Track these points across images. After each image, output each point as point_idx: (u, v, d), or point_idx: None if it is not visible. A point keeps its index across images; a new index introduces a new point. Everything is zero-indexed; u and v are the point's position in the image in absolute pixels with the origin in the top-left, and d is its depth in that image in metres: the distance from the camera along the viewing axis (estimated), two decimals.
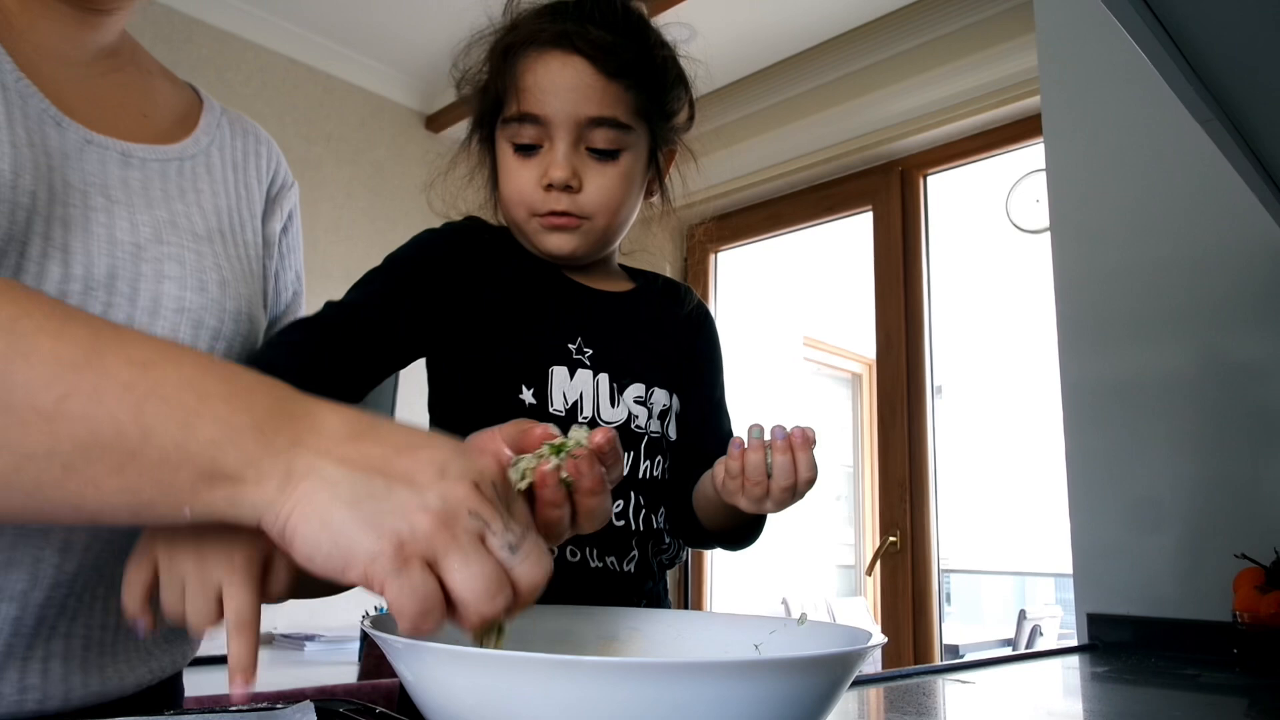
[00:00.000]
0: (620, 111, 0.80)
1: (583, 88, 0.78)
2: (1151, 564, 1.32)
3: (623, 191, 0.82)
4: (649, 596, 0.85)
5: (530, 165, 0.80)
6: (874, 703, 0.76)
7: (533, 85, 0.79)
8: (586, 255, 0.85)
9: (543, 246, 0.83)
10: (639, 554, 0.82)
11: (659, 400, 0.86)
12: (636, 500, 0.83)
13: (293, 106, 2.91)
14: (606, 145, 0.80)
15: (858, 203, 2.82)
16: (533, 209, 0.81)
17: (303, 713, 0.48)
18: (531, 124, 0.79)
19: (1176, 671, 1.04)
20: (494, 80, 0.83)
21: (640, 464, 0.83)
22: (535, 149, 0.80)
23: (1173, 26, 0.65)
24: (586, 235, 0.82)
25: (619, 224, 0.85)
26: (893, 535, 2.54)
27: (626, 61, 0.80)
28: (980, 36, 2.42)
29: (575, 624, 0.59)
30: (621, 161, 0.81)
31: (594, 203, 0.80)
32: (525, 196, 0.81)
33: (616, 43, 0.79)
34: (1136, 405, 1.38)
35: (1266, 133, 0.82)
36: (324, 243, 2.90)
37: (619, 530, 0.81)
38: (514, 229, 0.86)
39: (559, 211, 0.80)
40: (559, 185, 0.79)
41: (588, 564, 0.80)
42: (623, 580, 0.82)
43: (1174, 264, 1.38)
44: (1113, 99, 1.48)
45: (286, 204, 0.86)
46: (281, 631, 2.63)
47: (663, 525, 0.86)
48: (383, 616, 0.48)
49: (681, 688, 0.36)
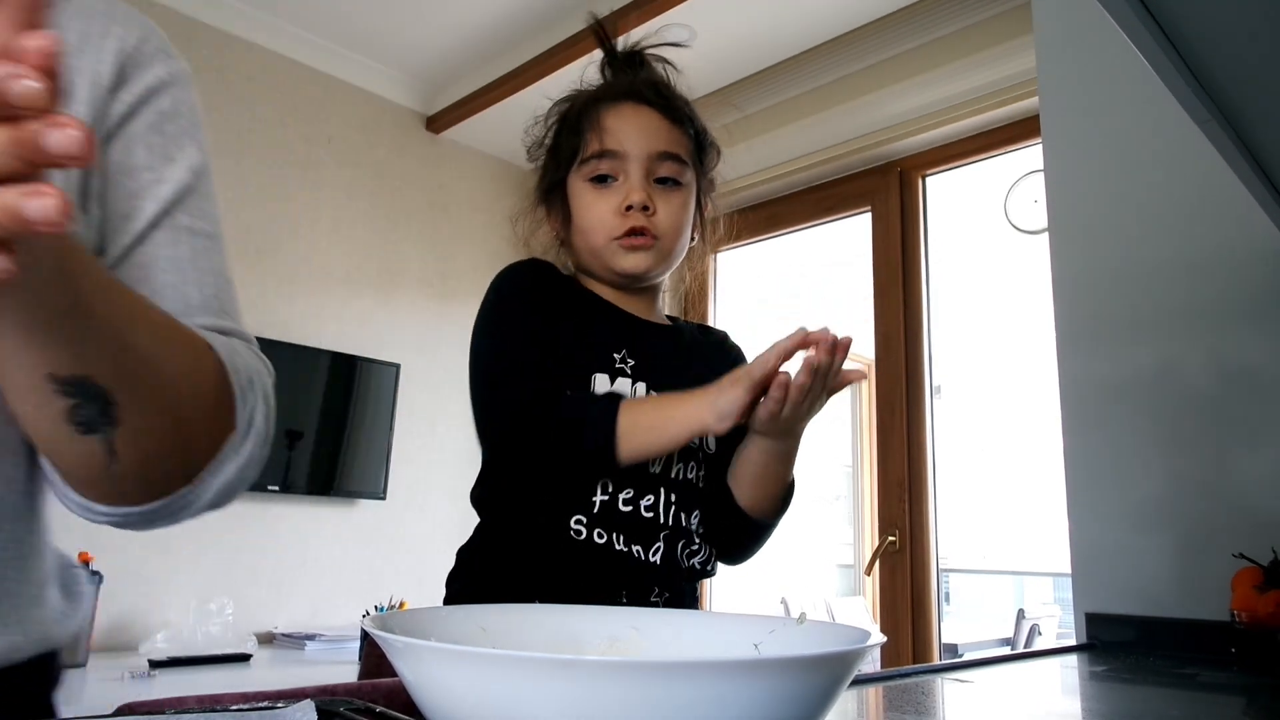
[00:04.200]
0: (681, 150, 0.96)
1: (652, 128, 0.95)
2: (1149, 563, 1.32)
3: (684, 217, 0.96)
4: (673, 590, 0.91)
5: (607, 195, 0.94)
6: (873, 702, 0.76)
7: (611, 126, 0.94)
8: (655, 274, 0.97)
9: (620, 265, 0.94)
10: (664, 547, 0.89)
11: None
12: (667, 497, 0.91)
13: (293, 107, 2.91)
14: (672, 174, 0.95)
15: (857, 203, 2.82)
16: (612, 233, 0.93)
17: (303, 712, 0.48)
18: (609, 159, 0.94)
19: (1175, 671, 1.04)
20: (570, 133, 0.97)
21: (674, 465, 0.92)
22: (610, 181, 0.94)
23: (1170, 28, 0.65)
24: (658, 254, 0.94)
25: (680, 248, 0.98)
26: (892, 535, 2.54)
27: (684, 114, 0.98)
28: (979, 37, 2.42)
29: (576, 623, 0.60)
30: (683, 192, 0.96)
31: (665, 224, 0.94)
32: (605, 222, 0.93)
33: (675, 98, 0.98)
34: (1134, 405, 1.38)
35: (1264, 133, 0.82)
36: (324, 243, 2.90)
37: (648, 521, 0.89)
38: (588, 256, 0.97)
39: (637, 230, 0.92)
40: (638, 206, 0.92)
41: (613, 546, 0.87)
42: (647, 569, 0.88)
43: (1172, 264, 1.38)
44: (1111, 100, 1.49)
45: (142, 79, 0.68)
46: (282, 631, 2.63)
47: (694, 527, 0.93)
48: (383, 616, 0.49)
49: (681, 687, 0.36)
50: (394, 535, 2.97)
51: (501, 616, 0.59)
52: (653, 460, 0.90)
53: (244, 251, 2.72)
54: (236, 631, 2.38)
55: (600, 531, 0.87)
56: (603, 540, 0.87)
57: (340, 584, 2.84)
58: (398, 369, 2.95)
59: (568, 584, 0.85)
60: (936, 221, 2.72)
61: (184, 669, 2.14)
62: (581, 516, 0.87)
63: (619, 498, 0.88)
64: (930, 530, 2.51)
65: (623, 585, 0.87)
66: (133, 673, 2.01)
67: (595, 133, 0.94)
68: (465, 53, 2.97)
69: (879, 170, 2.75)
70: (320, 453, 2.77)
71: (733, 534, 0.96)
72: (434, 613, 0.54)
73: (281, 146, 2.87)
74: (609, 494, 0.88)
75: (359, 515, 2.92)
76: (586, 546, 0.86)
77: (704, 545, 0.95)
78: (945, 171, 2.70)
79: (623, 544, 0.87)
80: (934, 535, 2.51)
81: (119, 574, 2.35)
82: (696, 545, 0.94)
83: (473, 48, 2.94)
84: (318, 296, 2.88)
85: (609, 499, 0.88)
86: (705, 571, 0.96)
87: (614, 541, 0.87)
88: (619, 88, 0.98)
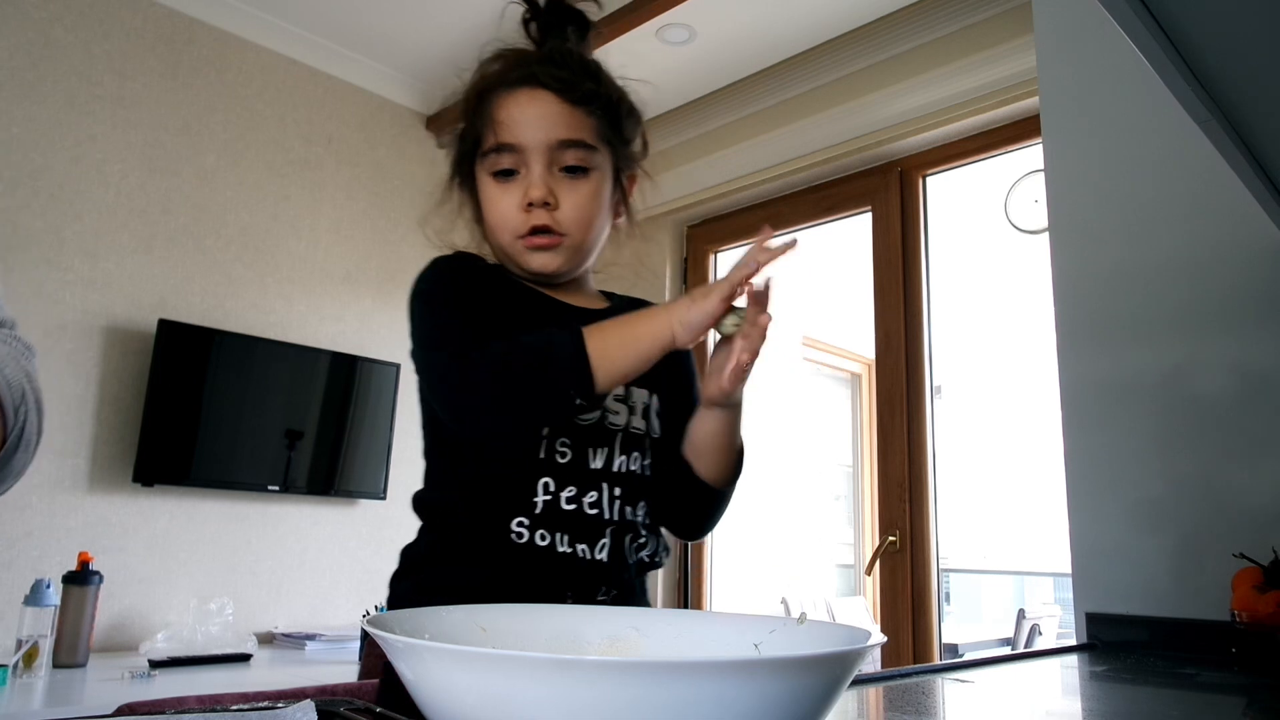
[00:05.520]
0: (586, 134, 0.90)
1: (550, 115, 0.89)
2: (1150, 563, 1.32)
3: (594, 208, 0.92)
4: (622, 587, 0.89)
5: (510, 190, 0.90)
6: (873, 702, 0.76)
7: (506, 119, 0.89)
8: (567, 271, 0.93)
9: (528, 266, 0.91)
10: (611, 543, 0.87)
11: (638, 399, 0.93)
12: (611, 492, 0.89)
13: (293, 107, 2.91)
14: (577, 163, 0.90)
15: (857, 203, 2.82)
16: (516, 231, 0.89)
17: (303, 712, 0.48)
18: (508, 152, 0.89)
19: (1175, 671, 1.04)
20: (470, 124, 0.93)
21: (616, 458, 0.90)
22: (513, 174, 0.90)
23: (1170, 27, 0.65)
24: (566, 252, 0.91)
25: (593, 240, 0.93)
26: (892, 535, 2.54)
27: (586, 92, 0.91)
28: (979, 37, 2.42)
29: (576, 624, 0.60)
30: (591, 179, 0.91)
31: (570, 219, 0.90)
32: (508, 220, 0.90)
33: (575, 78, 0.91)
34: (1135, 405, 1.38)
35: (1264, 133, 0.82)
36: (325, 242, 2.90)
37: (591, 518, 0.87)
38: (500, 254, 0.94)
39: (540, 228, 0.89)
40: (538, 203, 0.88)
41: (555, 549, 0.84)
42: (592, 568, 0.86)
43: (1172, 264, 1.38)
44: (1111, 100, 1.49)
45: None
46: (282, 631, 2.63)
47: (640, 520, 0.91)
48: (382, 616, 0.49)
49: (681, 688, 0.36)
50: (394, 535, 2.97)
51: (501, 616, 0.59)
52: (593, 455, 0.88)
53: (243, 251, 2.72)
54: (236, 631, 2.38)
55: (543, 533, 0.85)
56: (545, 542, 0.84)
57: (340, 584, 2.84)
58: (398, 369, 2.95)
59: (509, 588, 0.82)
60: (936, 221, 2.72)
61: (184, 669, 2.14)
62: (523, 518, 0.84)
63: (561, 496, 0.86)
64: (930, 530, 2.51)
65: (567, 587, 0.85)
66: (133, 673, 2.01)
67: (491, 125, 0.90)
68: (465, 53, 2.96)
69: (879, 170, 2.75)
70: (320, 453, 2.77)
71: (695, 507, 0.95)
72: (434, 613, 0.54)
73: (281, 146, 2.87)
74: (551, 493, 0.86)
75: (359, 515, 2.92)
76: (528, 550, 0.84)
77: (651, 537, 0.93)
78: (945, 171, 2.69)
79: (566, 545, 0.85)
80: (934, 535, 2.51)
81: (119, 574, 2.35)
82: (644, 538, 0.92)
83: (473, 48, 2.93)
84: (318, 296, 2.88)
85: (551, 498, 0.86)
86: (653, 563, 0.94)
87: (557, 543, 0.85)
88: (516, 72, 0.91)
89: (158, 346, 2.44)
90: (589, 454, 0.89)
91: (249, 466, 2.62)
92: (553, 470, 0.86)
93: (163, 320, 2.46)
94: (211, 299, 2.64)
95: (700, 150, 3.08)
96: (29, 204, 2.34)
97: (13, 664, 1.90)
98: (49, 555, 2.26)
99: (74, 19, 2.47)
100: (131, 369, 2.46)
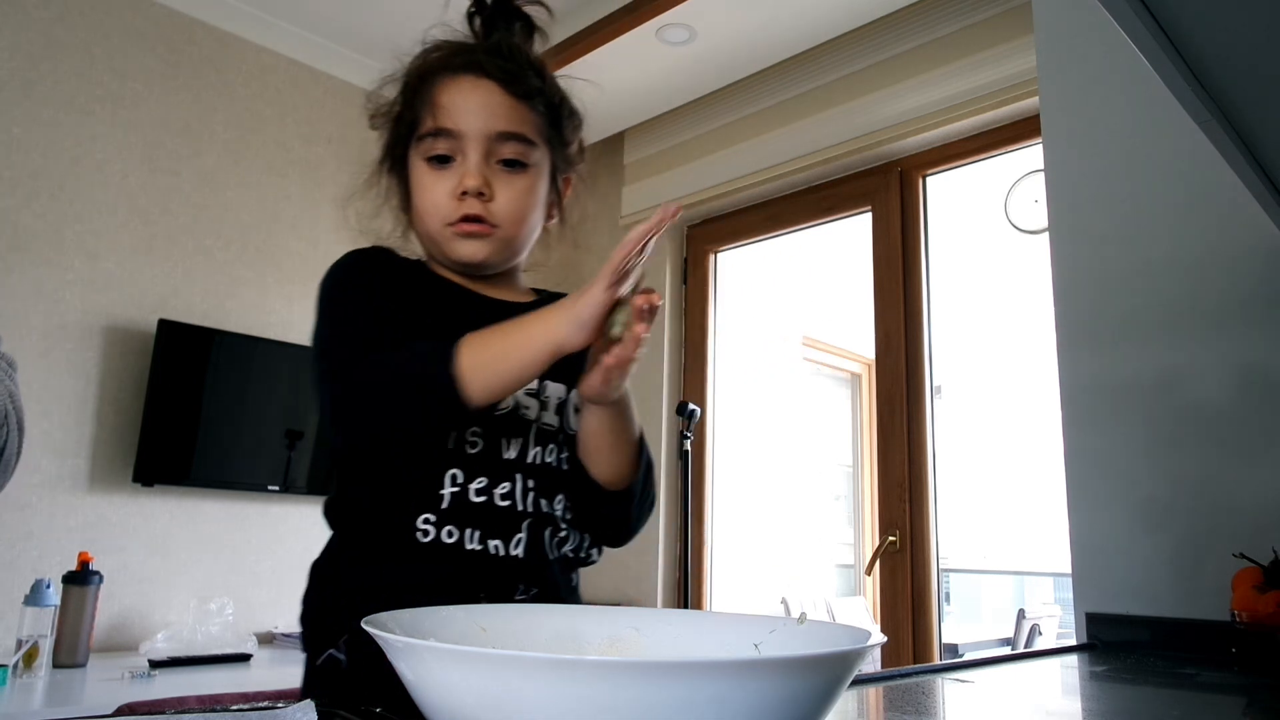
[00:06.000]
0: (526, 129, 0.88)
1: (493, 105, 0.87)
2: (1150, 563, 1.32)
3: (529, 203, 0.89)
4: (544, 585, 0.85)
5: (444, 177, 0.87)
6: (873, 702, 0.76)
7: (447, 103, 0.87)
8: (495, 264, 0.90)
9: (455, 254, 0.88)
10: (527, 537, 0.84)
11: (552, 393, 0.90)
12: (525, 483, 0.85)
13: (294, 107, 2.91)
14: (515, 156, 0.88)
15: (857, 203, 2.82)
16: (446, 218, 0.87)
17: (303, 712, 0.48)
18: (446, 138, 0.87)
19: (1175, 671, 1.04)
20: (408, 106, 0.91)
21: (530, 449, 0.87)
22: (448, 161, 0.87)
23: (1171, 28, 0.65)
24: (496, 243, 0.88)
25: (525, 235, 0.91)
26: (892, 535, 2.54)
27: (531, 87, 0.89)
28: (979, 37, 2.42)
29: (576, 623, 0.60)
30: (528, 175, 0.89)
31: (503, 212, 0.87)
32: (439, 206, 0.87)
33: (521, 72, 0.89)
34: (1135, 405, 1.38)
35: (1264, 133, 0.82)
36: (324, 243, 2.90)
37: (503, 510, 0.83)
38: (426, 242, 0.92)
39: (471, 217, 0.86)
40: (472, 192, 0.86)
41: (463, 545, 0.81)
42: (507, 564, 0.82)
43: (1172, 264, 1.38)
44: (1111, 100, 1.49)
45: None
46: (282, 631, 2.63)
47: (559, 512, 0.87)
48: (382, 616, 0.49)
49: (681, 688, 0.36)
50: None
51: (502, 616, 0.59)
52: (506, 445, 0.84)
53: (244, 251, 2.72)
54: (236, 631, 2.38)
55: (450, 530, 0.81)
56: (453, 539, 0.80)
57: None
58: None
59: (418, 590, 0.78)
60: (936, 221, 2.72)
61: (184, 669, 2.14)
62: (429, 515, 0.80)
63: (470, 489, 0.82)
64: (930, 530, 2.51)
65: (479, 586, 0.81)
66: (133, 673, 2.01)
67: (431, 109, 0.87)
68: None
69: (879, 170, 2.75)
70: (320, 453, 2.77)
71: (602, 509, 0.90)
72: (434, 613, 0.54)
73: (281, 146, 2.87)
74: (459, 485, 0.82)
75: None
76: (434, 548, 0.80)
77: (573, 531, 0.89)
78: (945, 171, 2.69)
79: (476, 541, 0.81)
80: (934, 535, 2.51)
81: (119, 574, 2.35)
82: (564, 532, 0.87)
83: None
84: None
85: (459, 491, 0.82)
86: (581, 559, 0.90)
87: (466, 539, 0.81)
88: (461, 59, 0.89)
89: (158, 346, 2.44)
90: (502, 444, 0.85)
91: (249, 466, 2.62)
92: (462, 460, 0.83)
93: (163, 320, 2.46)
94: (211, 299, 2.64)
95: (700, 150, 3.08)
96: (29, 204, 2.34)
97: (13, 664, 1.90)
98: (49, 555, 2.26)
99: (74, 19, 2.47)
100: (131, 369, 2.46)
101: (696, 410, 2.45)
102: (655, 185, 3.19)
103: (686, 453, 2.42)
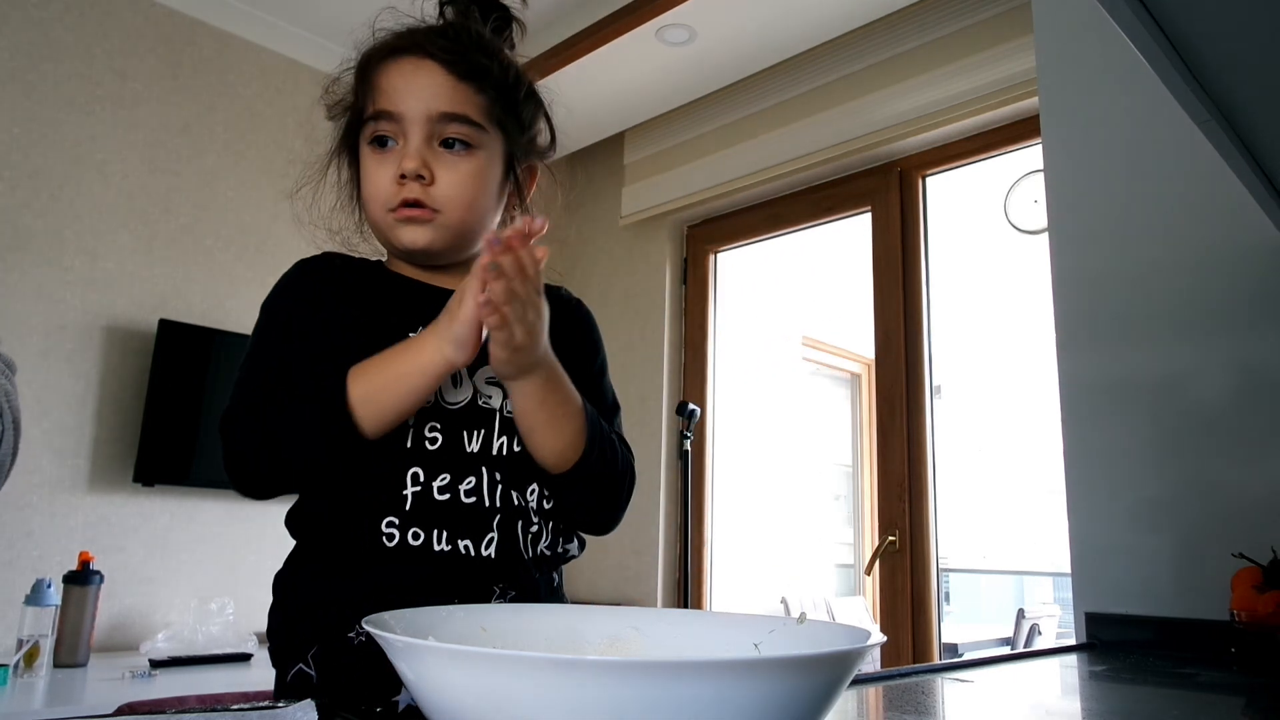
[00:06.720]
0: (471, 110, 0.84)
1: (433, 85, 0.84)
2: (1149, 563, 1.32)
3: (475, 188, 0.85)
4: (521, 586, 0.81)
5: (386, 161, 0.84)
6: (873, 702, 0.76)
7: (387, 86, 0.84)
8: (442, 251, 0.87)
9: (398, 240, 0.85)
10: (499, 535, 0.80)
11: None
12: (491, 476, 0.81)
13: (294, 107, 2.91)
14: (459, 137, 0.84)
15: (857, 203, 2.82)
16: (387, 203, 0.84)
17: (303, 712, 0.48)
18: (387, 120, 0.84)
19: (1174, 670, 1.04)
20: (355, 93, 0.88)
21: (495, 440, 0.83)
22: (391, 144, 0.84)
23: (1170, 28, 0.65)
24: (440, 229, 0.84)
25: (473, 222, 0.86)
26: (892, 535, 2.54)
27: (476, 66, 0.85)
28: (979, 38, 2.42)
29: (576, 623, 0.60)
30: (474, 159, 0.85)
31: (445, 196, 0.84)
32: (381, 191, 0.84)
33: (466, 51, 0.85)
34: (1134, 405, 1.38)
35: (1263, 133, 0.82)
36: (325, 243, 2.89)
37: (470, 508, 0.80)
38: (375, 231, 0.89)
39: (410, 201, 0.83)
40: (411, 175, 0.82)
41: (431, 547, 0.78)
42: (479, 565, 0.79)
43: (1172, 264, 1.39)
44: (1111, 100, 1.49)
45: None
46: None
47: (531, 504, 0.83)
48: (382, 615, 0.49)
49: (681, 687, 0.36)
50: None
51: (502, 616, 0.59)
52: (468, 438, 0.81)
53: (244, 251, 2.72)
54: (236, 631, 2.38)
55: (416, 531, 0.77)
56: (419, 541, 0.77)
57: None
58: None
59: (388, 597, 0.73)
60: (936, 222, 2.72)
61: (184, 669, 2.14)
62: (393, 518, 0.77)
63: (433, 486, 0.79)
64: (930, 530, 2.51)
65: (452, 590, 0.77)
66: (133, 672, 2.01)
67: (373, 93, 0.85)
68: None
69: (879, 170, 2.75)
70: None
71: (564, 496, 0.86)
72: (434, 613, 0.54)
73: (281, 146, 2.87)
74: (421, 484, 0.79)
75: None
76: (401, 552, 0.77)
77: (546, 525, 0.85)
78: (945, 171, 2.69)
79: (445, 542, 0.78)
80: (934, 535, 2.51)
81: (119, 574, 2.35)
82: (536, 525, 0.83)
83: None
84: None
85: (422, 490, 0.78)
86: (559, 556, 0.87)
87: (433, 540, 0.78)
88: (403, 40, 0.86)
89: (158, 346, 2.44)
90: (463, 437, 0.82)
91: None
92: (422, 458, 0.79)
93: (163, 320, 2.46)
94: (211, 299, 2.64)
95: (700, 150, 3.08)
96: (29, 204, 2.34)
97: (13, 663, 1.90)
98: (49, 555, 2.26)
99: (74, 19, 2.47)
100: (131, 369, 2.46)
101: (696, 410, 2.45)
102: (655, 185, 3.19)
103: (686, 453, 2.43)
